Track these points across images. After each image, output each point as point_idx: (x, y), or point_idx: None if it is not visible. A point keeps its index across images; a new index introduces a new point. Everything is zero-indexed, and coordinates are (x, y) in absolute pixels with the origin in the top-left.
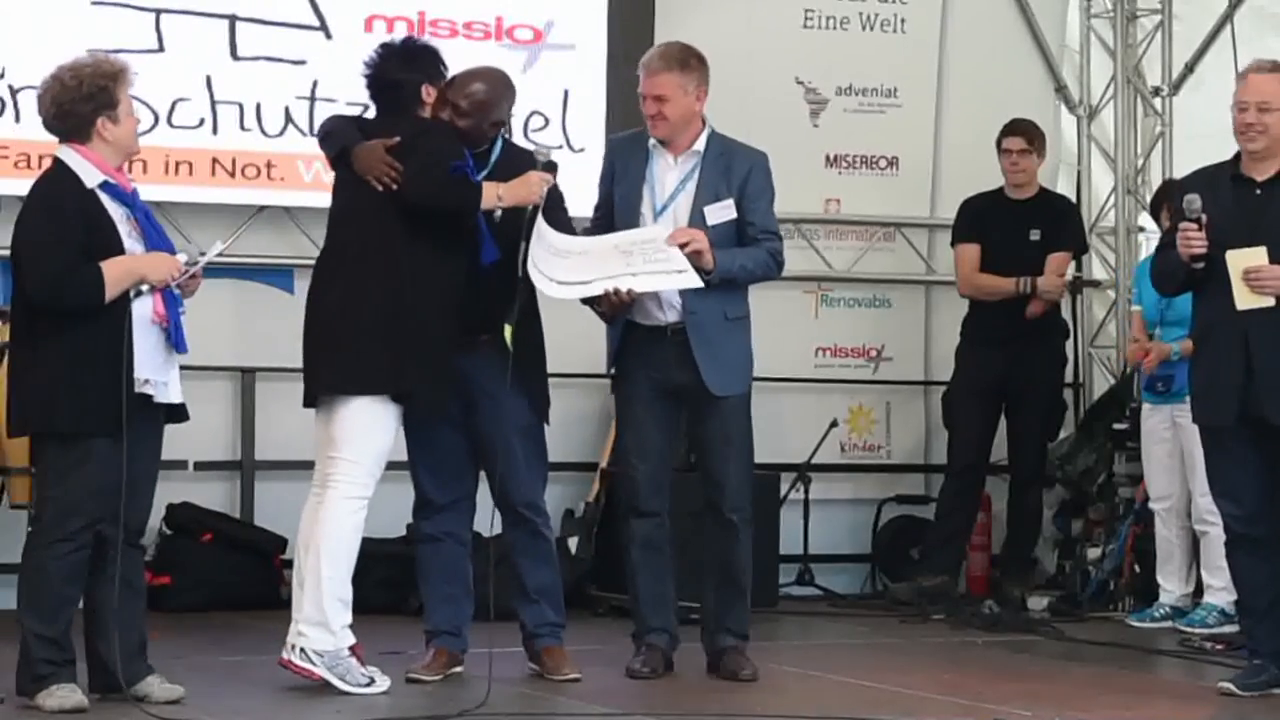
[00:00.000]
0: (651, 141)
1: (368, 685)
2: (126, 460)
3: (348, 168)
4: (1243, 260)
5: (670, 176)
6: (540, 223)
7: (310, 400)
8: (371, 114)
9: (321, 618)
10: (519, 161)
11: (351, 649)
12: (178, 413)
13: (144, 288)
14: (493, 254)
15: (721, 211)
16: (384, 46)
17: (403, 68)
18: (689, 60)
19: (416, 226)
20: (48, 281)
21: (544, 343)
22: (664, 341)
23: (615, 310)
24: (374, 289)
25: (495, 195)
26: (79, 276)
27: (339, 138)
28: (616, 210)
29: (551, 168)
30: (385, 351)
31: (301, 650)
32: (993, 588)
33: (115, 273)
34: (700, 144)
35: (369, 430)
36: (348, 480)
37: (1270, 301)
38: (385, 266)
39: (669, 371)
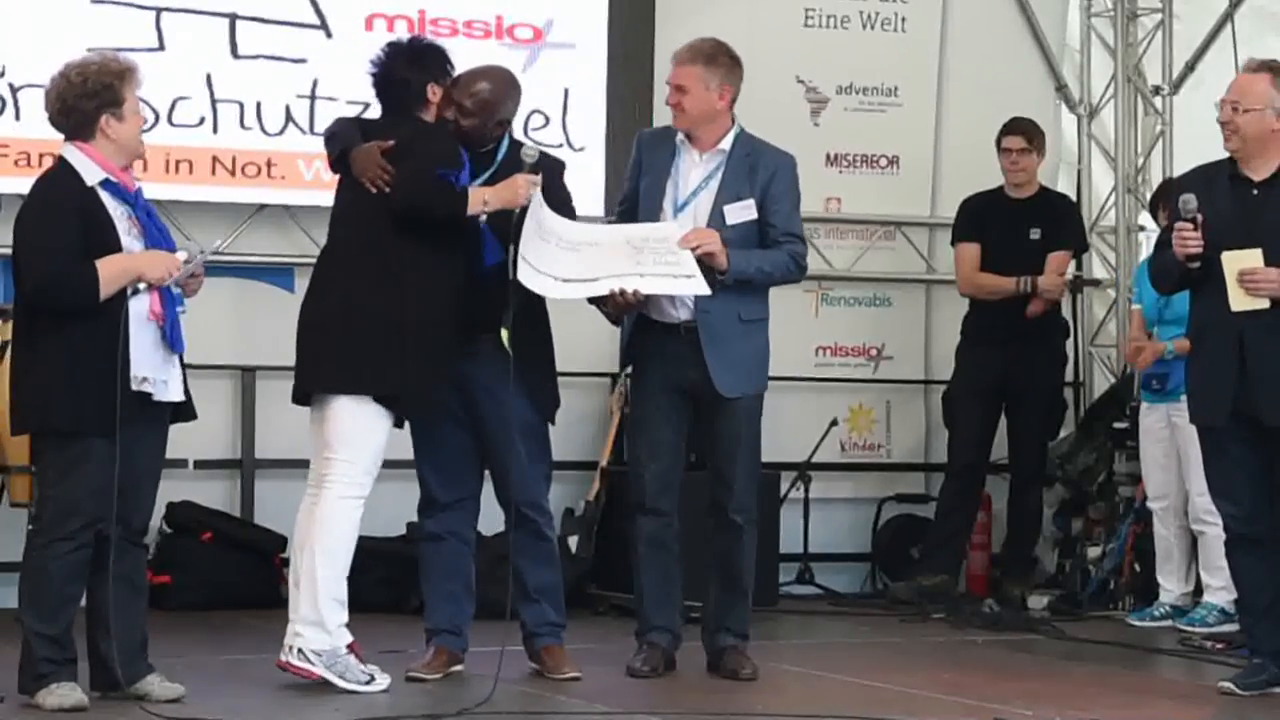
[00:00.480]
0: (679, 137)
1: (367, 682)
2: (129, 459)
3: (348, 170)
4: (1238, 262)
5: (694, 174)
6: (545, 216)
7: (298, 397)
8: (376, 113)
9: (317, 617)
10: (522, 163)
11: (349, 647)
12: (185, 411)
13: (141, 286)
14: (495, 254)
15: (741, 211)
16: (391, 45)
17: (409, 66)
18: (717, 56)
19: (413, 228)
20: (43, 280)
21: (551, 342)
22: (676, 339)
23: (621, 310)
24: (369, 290)
25: (481, 200)
26: (74, 275)
27: (340, 140)
28: (640, 203)
29: (538, 168)
30: (377, 352)
31: (299, 650)
32: (993, 587)
33: (111, 271)
34: (726, 143)
35: (363, 430)
36: (344, 480)
37: (1265, 303)
38: (381, 268)
39: (680, 369)
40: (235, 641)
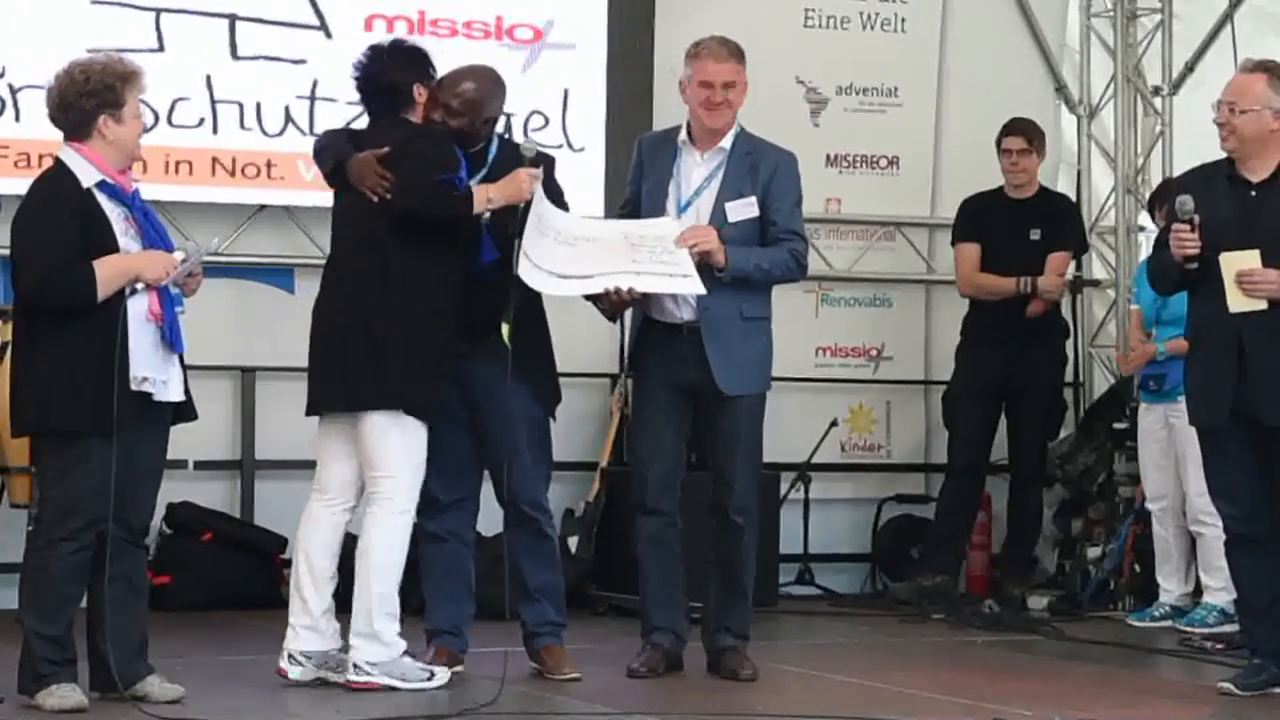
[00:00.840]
0: (681, 138)
1: (428, 680)
2: (130, 460)
3: (344, 181)
4: (1236, 263)
5: (696, 173)
6: (545, 210)
7: (313, 410)
8: (364, 119)
9: (371, 631)
10: (517, 159)
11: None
12: (185, 411)
13: (139, 286)
14: (492, 253)
15: (743, 209)
16: (372, 48)
17: (394, 68)
18: (743, 52)
19: (411, 232)
20: (40, 280)
21: (549, 338)
22: (679, 339)
23: (617, 309)
24: (378, 297)
25: (485, 198)
26: (71, 275)
27: (332, 152)
28: (643, 205)
29: (539, 162)
30: (402, 364)
31: (354, 665)
32: (993, 587)
33: (108, 271)
34: (727, 141)
35: (402, 443)
36: (392, 496)
37: (1263, 304)
38: (385, 270)
39: (682, 369)
40: (235, 642)
